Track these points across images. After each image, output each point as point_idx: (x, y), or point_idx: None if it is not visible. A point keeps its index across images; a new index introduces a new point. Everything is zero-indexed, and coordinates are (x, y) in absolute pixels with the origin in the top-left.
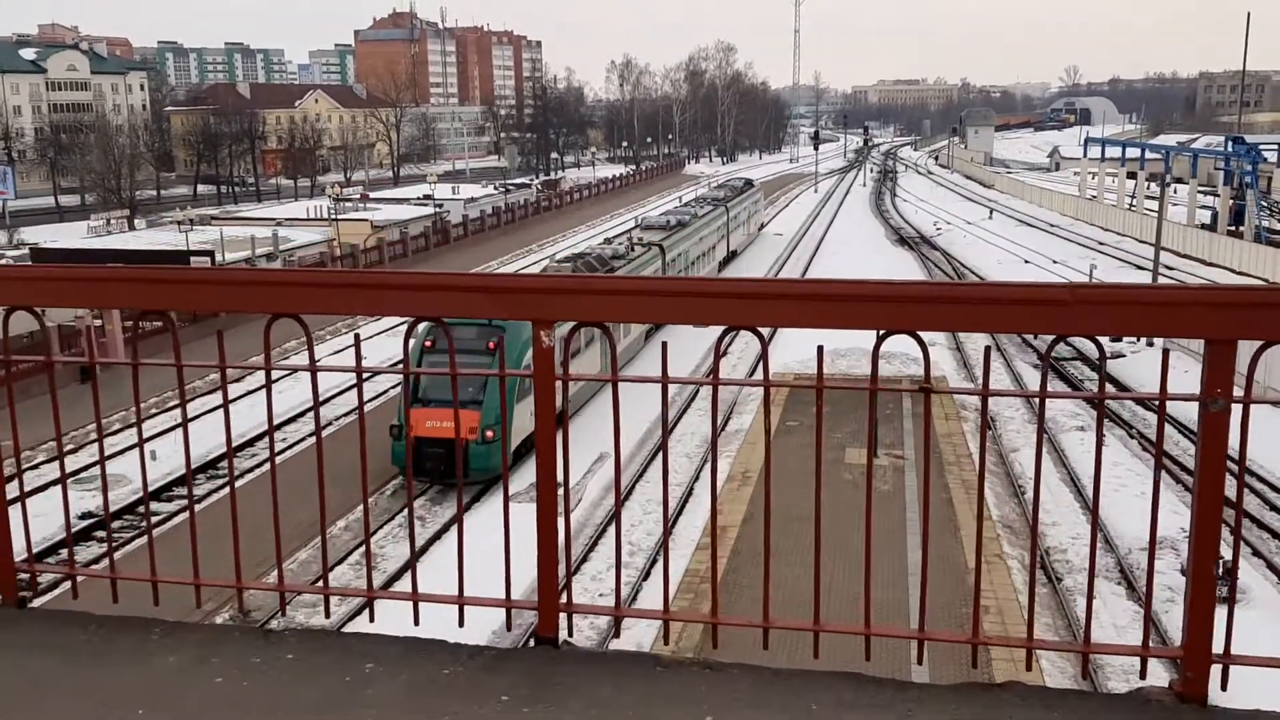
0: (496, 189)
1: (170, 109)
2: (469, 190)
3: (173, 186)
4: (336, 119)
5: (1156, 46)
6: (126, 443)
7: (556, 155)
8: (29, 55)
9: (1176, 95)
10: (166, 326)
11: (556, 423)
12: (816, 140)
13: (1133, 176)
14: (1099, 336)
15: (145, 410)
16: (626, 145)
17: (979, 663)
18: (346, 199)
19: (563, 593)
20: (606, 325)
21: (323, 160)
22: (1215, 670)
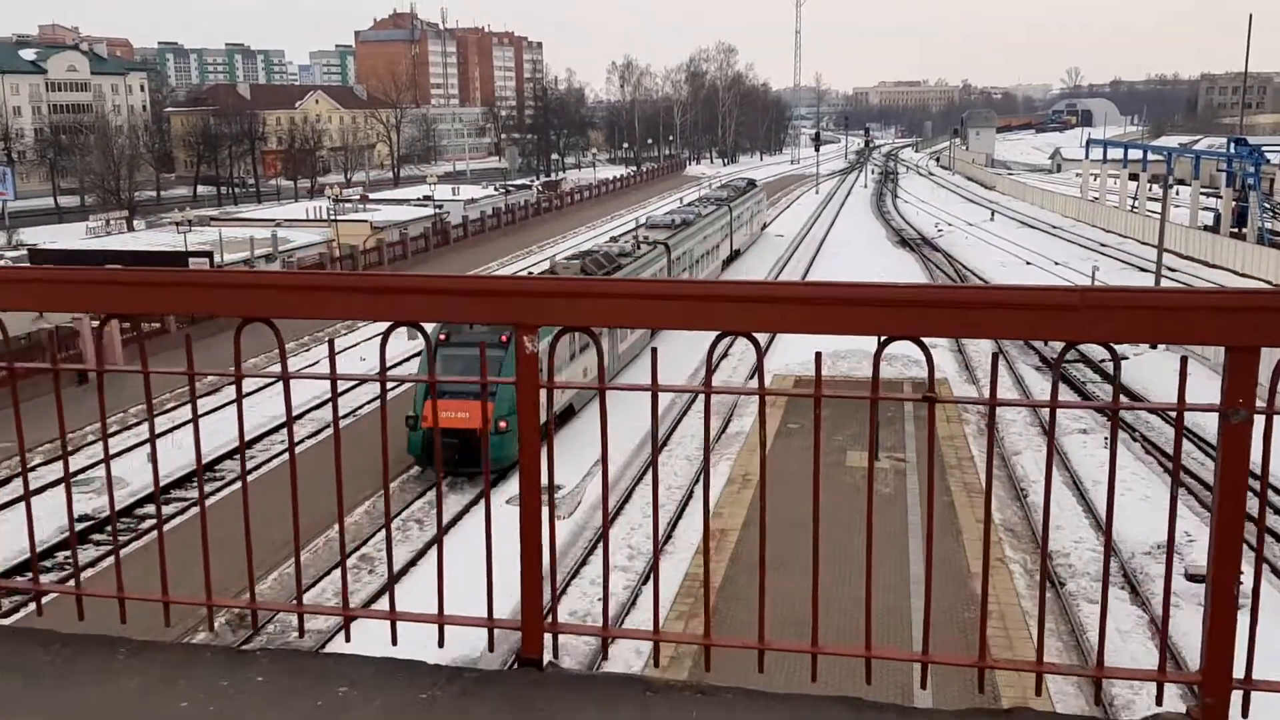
0: (497, 190)
1: (170, 110)
2: (469, 191)
3: (173, 187)
4: (337, 120)
5: (1158, 48)
6: (128, 444)
7: (557, 156)
8: (29, 56)
9: (1178, 97)
10: (134, 330)
11: (541, 435)
12: (818, 141)
13: (1135, 178)
14: (1111, 344)
15: (139, 415)
16: (627, 146)
17: (985, 685)
18: (346, 200)
19: (548, 614)
20: (594, 331)
21: (323, 161)
22: (1236, 696)
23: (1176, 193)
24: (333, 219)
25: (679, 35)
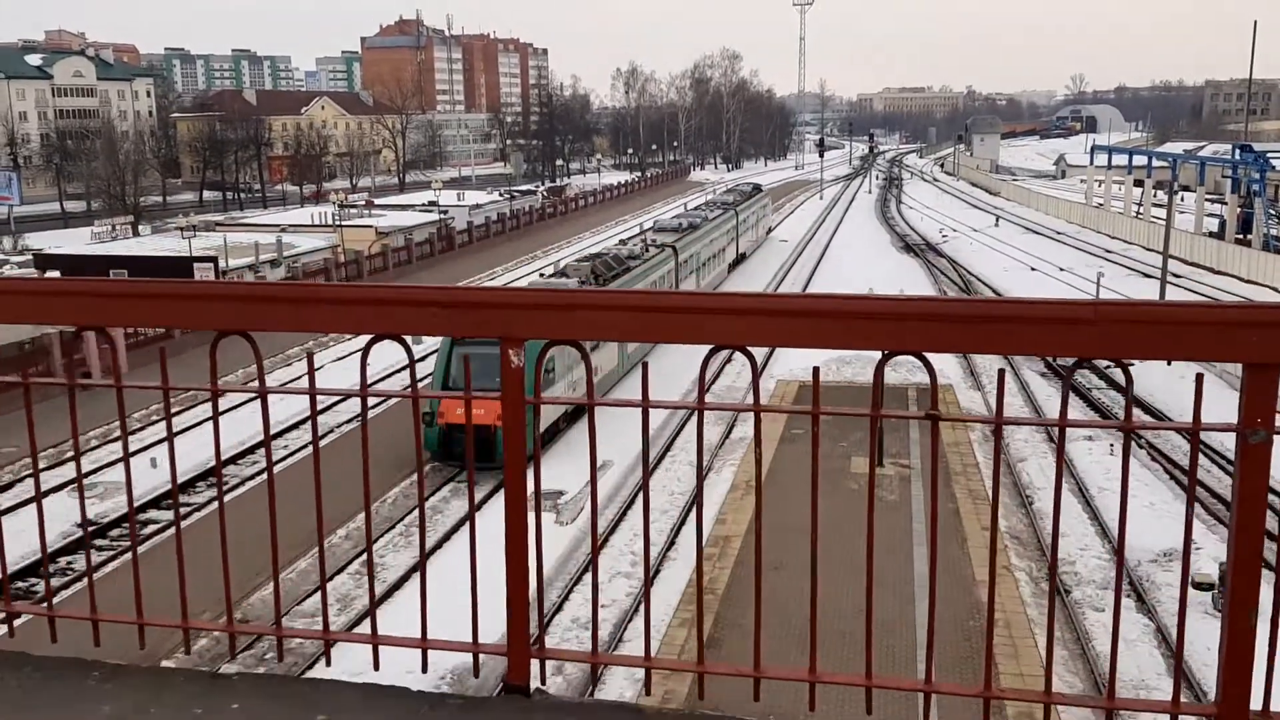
0: (502, 195)
1: (176, 115)
2: (474, 197)
3: (178, 193)
4: (342, 126)
5: (1162, 54)
6: (107, 460)
7: (562, 162)
8: (35, 61)
9: (1183, 103)
10: (107, 339)
11: (527, 453)
12: (822, 147)
13: (1139, 184)
14: (1126, 360)
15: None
16: (632, 152)
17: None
18: (352, 205)
19: (536, 641)
20: (583, 344)
21: (329, 167)
22: None
23: (1181, 199)
24: (338, 224)
25: (684, 43)
